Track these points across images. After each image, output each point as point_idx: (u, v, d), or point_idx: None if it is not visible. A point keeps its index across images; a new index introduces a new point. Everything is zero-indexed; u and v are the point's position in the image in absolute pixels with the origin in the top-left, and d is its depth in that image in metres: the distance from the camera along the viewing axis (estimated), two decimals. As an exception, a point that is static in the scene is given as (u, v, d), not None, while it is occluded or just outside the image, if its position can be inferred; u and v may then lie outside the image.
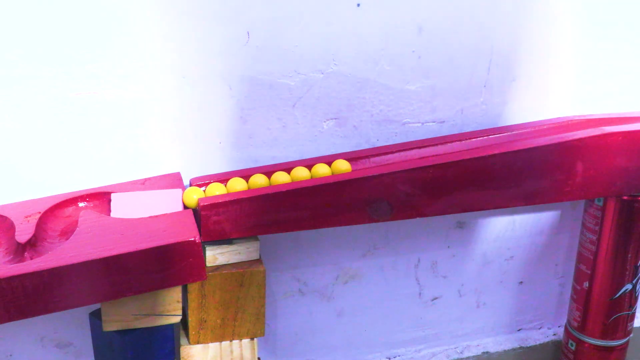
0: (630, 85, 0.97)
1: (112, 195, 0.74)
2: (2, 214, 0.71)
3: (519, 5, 0.86)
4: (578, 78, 0.94)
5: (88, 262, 0.62)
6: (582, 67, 0.93)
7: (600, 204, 0.91)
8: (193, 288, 0.72)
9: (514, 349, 1.07)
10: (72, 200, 0.74)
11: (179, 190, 0.74)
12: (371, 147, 0.86)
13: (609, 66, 0.95)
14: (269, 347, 0.94)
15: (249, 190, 0.75)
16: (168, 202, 0.72)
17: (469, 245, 0.99)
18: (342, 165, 0.80)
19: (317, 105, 0.83)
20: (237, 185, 0.75)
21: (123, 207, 0.72)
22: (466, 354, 1.05)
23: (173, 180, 0.77)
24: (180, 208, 0.72)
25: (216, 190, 0.74)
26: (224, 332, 0.74)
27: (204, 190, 0.75)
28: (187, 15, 0.74)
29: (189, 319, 0.73)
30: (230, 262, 0.74)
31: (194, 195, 0.73)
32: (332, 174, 0.80)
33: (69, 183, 0.76)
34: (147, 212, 0.71)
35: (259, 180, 0.76)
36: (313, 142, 0.84)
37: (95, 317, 0.71)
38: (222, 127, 0.80)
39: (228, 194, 0.73)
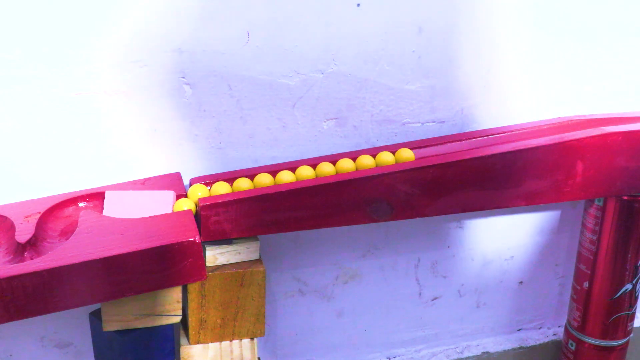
0: (630, 85, 0.97)
1: (107, 192, 0.74)
2: (2, 214, 0.71)
3: (519, 5, 0.86)
4: (578, 78, 0.94)
5: (88, 262, 0.62)
6: (582, 67, 0.93)
7: (600, 204, 0.91)
8: (193, 288, 0.72)
9: (514, 349, 1.07)
10: (72, 200, 0.74)
11: (172, 192, 0.74)
12: (371, 147, 0.86)
13: (609, 66, 0.95)
14: (269, 347, 0.94)
15: (249, 190, 0.75)
16: (160, 204, 0.72)
17: (469, 245, 0.99)
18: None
19: (317, 105, 0.83)
20: (222, 189, 0.75)
21: (116, 205, 0.72)
22: (466, 354, 1.05)
23: (173, 180, 0.77)
24: (170, 209, 0.72)
25: (198, 191, 0.74)
26: (224, 332, 0.74)
27: (186, 194, 0.75)
28: (187, 15, 0.74)
29: (189, 319, 0.73)
30: (230, 262, 0.74)
31: (184, 207, 0.73)
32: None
33: (69, 183, 0.76)
34: (139, 212, 0.71)
35: (244, 184, 0.76)
36: (313, 142, 0.84)
37: (95, 317, 0.71)
38: (222, 127, 0.80)
39: (228, 194, 0.73)
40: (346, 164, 0.80)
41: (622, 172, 0.86)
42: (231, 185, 0.77)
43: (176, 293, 0.69)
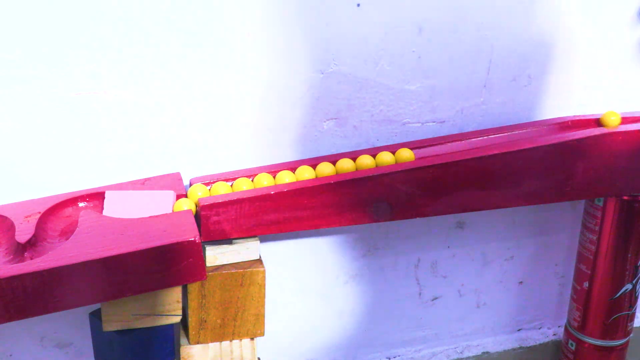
0: (630, 85, 0.97)
1: (107, 192, 0.74)
2: (2, 214, 0.71)
3: (519, 4, 0.86)
4: (578, 78, 0.94)
5: (88, 262, 0.62)
6: (582, 67, 0.93)
7: (600, 204, 0.91)
8: (193, 288, 0.72)
9: (514, 349, 1.07)
10: (72, 200, 0.74)
11: (172, 192, 0.74)
12: (371, 147, 0.86)
13: (609, 65, 0.95)
14: (269, 347, 0.94)
15: (249, 190, 0.75)
16: (160, 204, 0.72)
17: (469, 245, 0.99)
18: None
19: (317, 105, 0.83)
20: (222, 189, 0.75)
21: (116, 205, 0.72)
22: (466, 354, 1.05)
23: (173, 180, 0.77)
24: (170, 209, 0.72)
25: (198, 191, 0.74)
26: (224, 332, 0.74)
27: (186, 194, 0.75)
28: (187, 15, 0.74)
29: (189, 319, 0.73)
30: (230, 262, 0.74)
31: (184, 207, 0.73)
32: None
33: (69, 183, 0.76)
34: (139, 212, 0.71)
35: (244, 184, 0.76)
36: (313, 142, 0.84)
37: (95, 317, 0.71)
38: (222, 126, 0.80)
39: (228, 194, 0.73)
40: (346, 164, 0.80)
41: (622, 172, 0.86)
42: (231, 185, 0.77)
43: (176, 293, 0.69)
